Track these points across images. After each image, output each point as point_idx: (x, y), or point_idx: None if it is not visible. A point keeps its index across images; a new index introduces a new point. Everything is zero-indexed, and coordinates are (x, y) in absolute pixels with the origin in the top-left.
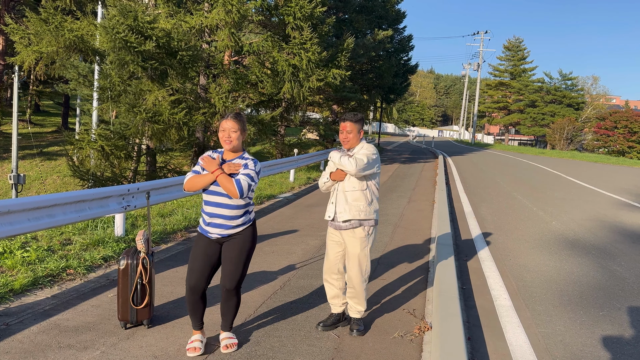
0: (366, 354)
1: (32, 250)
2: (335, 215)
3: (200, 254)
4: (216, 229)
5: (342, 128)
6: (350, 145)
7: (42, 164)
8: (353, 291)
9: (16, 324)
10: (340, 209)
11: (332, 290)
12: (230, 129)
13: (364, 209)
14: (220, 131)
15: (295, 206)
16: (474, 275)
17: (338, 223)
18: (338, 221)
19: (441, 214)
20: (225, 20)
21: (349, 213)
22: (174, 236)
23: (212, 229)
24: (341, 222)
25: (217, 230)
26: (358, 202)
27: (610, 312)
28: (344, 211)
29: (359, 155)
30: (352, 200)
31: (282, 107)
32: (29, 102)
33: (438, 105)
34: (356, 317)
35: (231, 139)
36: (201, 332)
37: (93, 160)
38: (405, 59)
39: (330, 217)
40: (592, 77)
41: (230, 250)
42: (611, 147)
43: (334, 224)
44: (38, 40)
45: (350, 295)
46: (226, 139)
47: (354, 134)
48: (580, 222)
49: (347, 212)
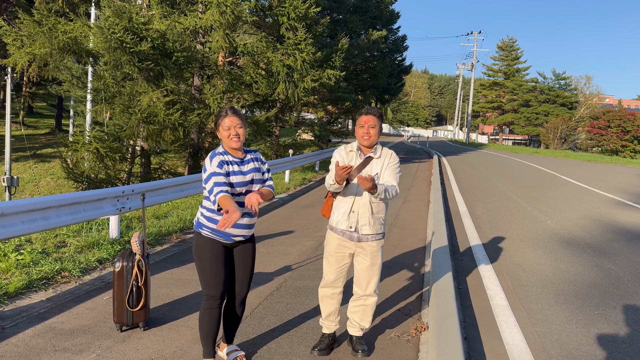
0: (363, 354)
1: (27, 253)
2: (358, 227)
3: (216, 259)
4: (243, 230)
5: (363, 122)
6: (371, 142)
7: (35, 166)
8: (362, 307)
9: (11, 327)
10: (364, 222)
11: (331, 306)
12: (236, 126)
13: (383, 222)
14: (223, 130)
15: (291, 207)
16: (469, 275)
17: (359, 235)
18: (361, 233)
19: (436, 213)
20: (220, 21)
21: (372, 227)
22: (169, 238)
23: (239, 230)
24: (362, 234)
25: (242, 232)
26: (380, 214)
27: (605, 311)
28: (368, 224)
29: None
30: (376, 212)
31: (277, 108)
32: (22, 104)
33: (432, 105)
34: (358, 335)
35: (239, 135)
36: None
37: (87, 162)
38: (400, 59)
39: (352, 227)
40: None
41: (244, 253)
42: (605, 146)
43: (352, 234)
44: (31, 42)
45: (355, 310)
46: (234, 136)
47: (377, 129)
48: (575, 221)
49: (370, 226)
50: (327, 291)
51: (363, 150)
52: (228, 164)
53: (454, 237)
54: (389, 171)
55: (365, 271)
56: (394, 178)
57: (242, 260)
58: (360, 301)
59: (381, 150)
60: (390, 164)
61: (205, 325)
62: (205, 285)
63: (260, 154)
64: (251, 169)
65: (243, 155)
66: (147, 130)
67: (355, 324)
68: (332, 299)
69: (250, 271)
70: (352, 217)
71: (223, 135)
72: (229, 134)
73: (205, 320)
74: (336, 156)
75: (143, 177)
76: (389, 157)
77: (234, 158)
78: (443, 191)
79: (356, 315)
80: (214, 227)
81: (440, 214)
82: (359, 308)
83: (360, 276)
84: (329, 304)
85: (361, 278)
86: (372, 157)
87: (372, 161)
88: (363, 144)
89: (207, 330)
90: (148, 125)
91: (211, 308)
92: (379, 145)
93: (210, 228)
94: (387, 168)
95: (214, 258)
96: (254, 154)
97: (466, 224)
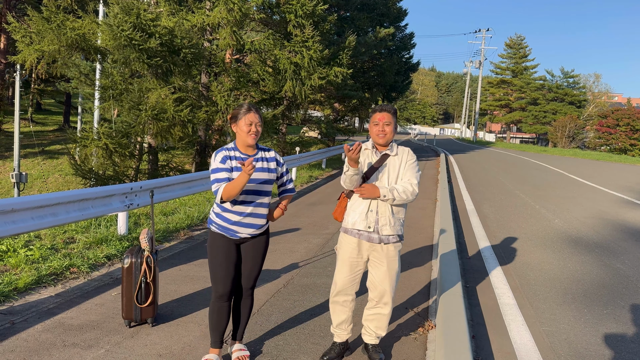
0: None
1: (36, 248)
2: (378, 227)
3: (226, 256)
4: (249, 229)
5: (378, 119)
6: (387, 140)
7: (44, 162)
8: (378, 315)
9: (21, 322)
10: (384, 222)
11: (343, 315)
12: (256, 123)
13: (402, 223)
14: (244, 125)
15: (297, 204)
16: (477, 273)
17: (380, 235)
18: (382, 234)
19: (444, 212)
20: (227, 19)
21: (393, 228)
22: (176, 235)
23: (244, 228)
24: (383, 235)
25: (249, 230)
26: (400, 214)
27: (614, 310)
28: (388, 224)
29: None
30: (397, 212)
31: (284, 106)
32: (31, 100)
33: (439, 103)
34: (374, 343)
35: (258, 131)
36: (219, 351)
37: (95, 159)
38: (407, 56)
39: (371, 228)
40: (594, 75)
41: (252, 249)
42: (613, 144)
43: (371, 235)
44: (40, 39)
45: (371, 319)
46: (253, 133)
47: (392, 126)
48: (583, 220)
49: (391, 226)
50: (339, 298)
51: (378, 149)
52: (233, 159)
53: (462, 236)
54: (409, 170)
55: (381, 278)
56: (414, 177)
57: (252, 255)
58: (377, 309)
59: (397, 148)
60: (408, 162)
61: (214, 318)
62: (213, 280)
63: (277, 153)
64: (258, 169)
65: (254, 152)
66: (157, 126)
67: (372, 332)
68: (344, 307)
69: (258, 265)
70: (370, 217)
71: (242, 130)
72: (249, 129)
73: (214, 313)
74: None
75: (150, 174)
76: (407, 155)
77: (242, 154)
78: (450, 189)
79: (372, 324)
80: (222, 224)
81: (448, 212)
82: (375, 317)
83: (375, 283)
84: (341, 312)
85: (377, 285)
86: (389, 155)
87: (389, 159)
88: (378, 142)
89: (215, 323)
90: (157, 122)
91: (220, 303)
92: (394, 143)
93: (218, 224)
94: (407, 167)
95: (224, 255)
96: (267, 153)
97: (474, 222)
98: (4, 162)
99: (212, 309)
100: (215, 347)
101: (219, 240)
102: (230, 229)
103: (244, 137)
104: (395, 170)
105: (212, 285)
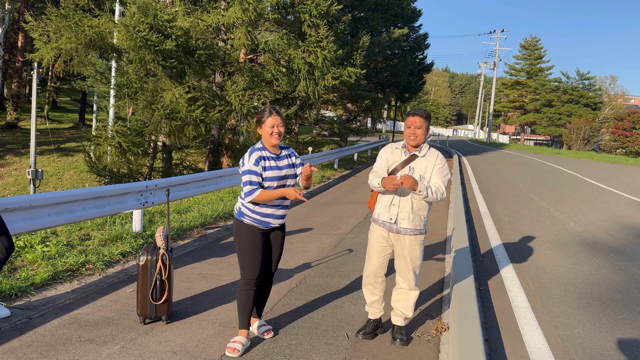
0: (383, 354)
1: (52, 245)
2: (397, 219)
3: (256, 245)
4: (278, 219)
5: (410, 123)
6: (417, 142)
7: (59, 159)
8: (405, 296)
9: (37, 317)
10: (403, 215)
11: (375, 294)
12: (278, 125)
13: (424, 219)
14: (267, 127)
15: (309, 204)
16: (490, 276)
17: (397, 227)
18: (400, 226)
19: (457, 213)
20: (242, 19)
21: (412, 222)
22: (190, 233)
23: (275, 220)
24: (401, 227)
25: (279, 220)
26: (422, 211)
27: (630, 316)
28: (407, 219)
29: (439, 181)
30: (417, 208)
31: (297, 105)
32: (47, 98)
33: (453, 104)
34: (400, 324)
35: (281, 132)
36: (247, 332)
37: (110, 157)
38: (421, 57)
39: (392, 219)
40: (610, 77)
41: (278, 237)
42: (629, 147)
43: (392, 226)
44: (57, 37)
45: (398, 299)
46: (276, 134)
47: (423, 130)
48: (598, 224)
49: (409, 220)
50: (370, 280)
51: (409, 149)
52: (265, 159)
53: (475, 238)
54: (437, 173)
55: (402, 264)
56: (441, 180)
57: (279, 242)
58: (402, 290)
59: (427, 150)
60: (437, 165)
61: (243, 301)
62: (243, 267)
63: (293, 149)
64: (285, 165)
65: (279, 152)
66: (170, 126)
67: (400, 312)
68: (375, 288)
69: (280, 252)
70: (392, 210)
71: (266, 132)
72: (272, 131)
73: (243, 297)
74: (382, 155)
75: (164, 172)
76: (436, 159)
77: (271, 154)
78: (463, 191)
79: (399, 304)
80: (256, 217)
81: (461, 214)
82: (402, 296)
83: (399, 268)
84: (372, 292)
85: (400, 270)
86: (417, 155)
87: (417, 159)
88: (410, 144)
89: (244, 306)
90: (170, 121)
91: (248, 288)
92: (425, 145)
93: (252, 218)
94: (435, 171)
95: (253, 244)
96: (287, 150)
97: (487, 224)
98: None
99: (241, 293)
100: (244, 328)
101: (246, 230)
102: (264, 221)
103: (268, 138)
104: (421, 170)
105: (241, 272)
